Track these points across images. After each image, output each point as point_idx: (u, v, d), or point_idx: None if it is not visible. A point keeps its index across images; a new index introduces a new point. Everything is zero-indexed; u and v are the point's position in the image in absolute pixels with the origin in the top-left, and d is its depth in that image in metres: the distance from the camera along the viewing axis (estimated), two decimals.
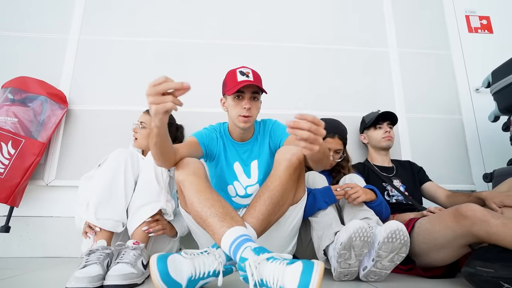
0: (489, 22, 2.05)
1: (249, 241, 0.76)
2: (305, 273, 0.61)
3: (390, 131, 1.52)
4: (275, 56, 1.89)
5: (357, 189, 1.09)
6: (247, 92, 1.08)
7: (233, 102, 1.10)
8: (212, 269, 0.77)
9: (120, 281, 0.81)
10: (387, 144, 1.50)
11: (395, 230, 0.87)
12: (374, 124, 1.55)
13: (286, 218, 1.01)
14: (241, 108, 1.08)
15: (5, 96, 1.50)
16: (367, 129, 1.59)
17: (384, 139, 1.50)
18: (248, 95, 1.09)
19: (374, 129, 1.55)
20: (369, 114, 1.65)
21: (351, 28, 1.97)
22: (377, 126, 1.54)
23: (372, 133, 1.56)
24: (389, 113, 1.52)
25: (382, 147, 1.51)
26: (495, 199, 1.08)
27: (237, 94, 1.08)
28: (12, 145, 1.42)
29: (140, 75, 1.78)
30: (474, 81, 1.91)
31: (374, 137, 1.54)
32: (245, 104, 1.07)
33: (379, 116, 1.53)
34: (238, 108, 1.09)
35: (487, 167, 1.76)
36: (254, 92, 1.10)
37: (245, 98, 1.08)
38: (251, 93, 1.09)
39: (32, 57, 1.76)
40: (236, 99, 1.10)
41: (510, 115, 1.47)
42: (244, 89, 1.07)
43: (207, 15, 1.92)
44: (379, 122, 1.54)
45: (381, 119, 1.54)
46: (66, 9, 1.85)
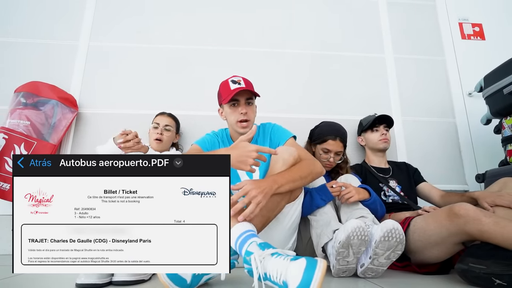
0: (481, 29, 2.09)
1: (254, 236, 0.78)
2: (308, 270, 0.63)
3: (386, 134, 1.54)
4: (275, 62, 1.93)
5: (350, 189, 1.12)
6: (242, 98, 1.15)
7: (230, 109, 1.16)
8: None
9: (128, 277, 0.83)
10: (384, 146, 1.53)
11: (391, 229, 0.89)
12: (371, 127, 1.58)
13: (284, 215, 1.04)
14: (238, 113, 1.14)
15: (18, 100, 1.53)
16: (364, 132, 1.62)
17: (381, 141, 1.53)
18: (243, 101, 1.15)
19: (371, 131, 1.58)
20: (366, 117, 1.68)
21: (349, 35, 2.02)
22: (374, 129, 1.57)
23: (369, 135, 1.59)
24: (385, 116, 1.55)
25: (379, 149, 1.54)
26: (487, 199, 1.10)
27: (232, 102, 1.15)
28: (24, 147, 1.45)
29: (148, 79, 1.83)
30: (467, 86, 1.95)
31: (371, 140, 1.58)
32: (241, 110, 1.14)
33: (376, 119, 1.56)
34: (235, 114, 1.15)
35: (479, 168, 1.79)
36: (248, 98, 1.17)
37: (241, 104, 1.15)
38: (246, 99, 1.16)
39: (44, 63, 1.79)
40: (233, 107, 1.16)
41: (502, 118, 1.49)
42: (238, 96, 1.14)
43: (212, 24, 1.96)
44: (376, 125, 1.57)
45: (378, 122, 1.57)
46: (76, 17, 1.89)
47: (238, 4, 2.01)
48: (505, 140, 1.47)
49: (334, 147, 1.39)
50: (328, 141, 1.39)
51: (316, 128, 1.51)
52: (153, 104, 1.76)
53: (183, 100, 1.80)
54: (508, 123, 1.45)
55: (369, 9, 2.08)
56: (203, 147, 1.19)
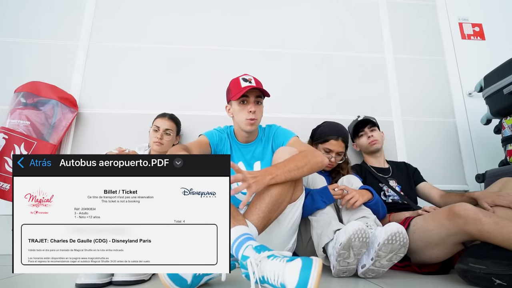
0: (481, 29, 2.09)
1: (250, 239, 0.78)
2: (304, 270, 0.63)
3: (373, 135, 1.52)
4: (277, 62, 1.93)
5: (353, 194, 1.11)
6: (251, 96, 1.14)
7: (238, 107, 1.15)
8: None
9: (129, 277, 0.83)
10: (375, 147, 1.51)
11: (396, 232, 0.88)
12: (356, 133, 1.58)
13: (285, 215, 1.04)
14: (247, 112, 1.13)
15: (18, 100, 1.53)
16: (354, 138, 1.62)
17: (370, 144, 1.52)
18: (253, 99, 1.15)
19: (358, 137, 1.57)
20: (350, 124, 1.67)
21: (350, 35, 2.02)
22: (360, 134, 1.56)
23: (358, 141, 1.58)
24: (365, 119, 1.55)
25: (371, 151, 1.53)
26: (487, 199, 1.10)
27: (242, 99, 1.14)
28: (24, 147, 1.45)
29: (148, 79, 1.83)
30: (467, 86, 1.95)
31: (361, 144, 1.57)
32: (250, 108, 1.13)
33: (358, 124, 1.56)
34: (244, 112, 1.14)
35: (479, 168, 1.79)
36: (258, 96, 1.16)
37: (250, 102, 1.15)
38: (255, 97, 1.15)
39: (44, 63, 1.79)
40: (242, 104, 1.15)
41: (502, 118, 1.49)
42: (248, 93, 1.13)
43: (212, 24, 1.96)
44: (360, 129, 1.56)
45: (361, 126, 1.56)
46: (76, 17, 1.89)
47: (238, 4, 2.01)
48: (505, 140, 1.47)
49: (336, 147, 1.39)
50: (330, 141, 1.39)
51: (318, 128, 1.51)
52: (153, 104, 1.76)
53: (183, 100, 1.80)
54: (508, 123, 1.45)
55: (369, 9, 2.08)
56: (211, 140, 1.19)
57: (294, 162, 0.96)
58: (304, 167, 0.97)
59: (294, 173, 0.95)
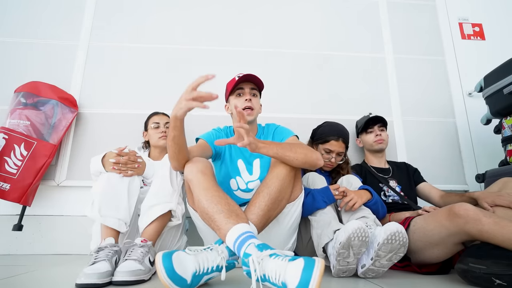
0: (481, 29, 2.09)
1: (252, 237, 0.78)
2: (307, 270, 0.62)
3: (381, 134, 1.53)
4: (277, 62, 1.93)
5: (351, 196, 1.11)
6: (246, 88, 1.20)
7: (235, 99, 1.20)
8: (215, 265, 0.79)
9: (128, 277, 0.83)
10: (379, 147, 1.52)
11: (395, 232, 0.88)
12: (365, 129, 1.58)
13: (284, 215, 1.04)
14: (243, 101, 1.18)
15: (18, 100, 1.53)
16: (360, 134, 1.62)
17: (376, 142, 1.52)
18: (248, 90, 1.20)
19: (366, 133, 1.58)
20: (361, 118, 1.67)
21: (350, 35, 2.02)
22: (368, 130, 1.56)
23: (365, 137, 1.58)
24: (377, 117, 1.55)
25: (375, 150, 1.54)
26: (487, 199, 1.10)
27: (238, 92, 1.20)
28: (24, 147, 1.45)
29: (148, 79, 1.83)
30: (467, 86, 1.95)
31: (366, 141, 1.57)
32: (245, 97, 1.18)
33: (369, 120, 1.56)
34: (240, 102, 1.18)
35: (479, 168, 1.79)
36: (253, 88, 1.21)
37: (245, 92, 1.20)
38: (250, 89, 1.21)
39: (44, 63, 1.79)
40: (238, 96, 1.20)
41: (502, 118, 1.50)
42: (243, 85, 1.19)
43: (212, 24, 1.96)
44: (370, 126, 1.56)
45: (371, 123, 1.56)
46: (76, 17, 1.89)
47: (238, 3, 2.01)
48: (505, 140, 1.47)
49: (336, 148, 1.38)
50: (331, 141, 1.39)
51: (319, 128, 1.50)
52: (153, 104, 1.75)
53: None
54: (508, 123, 1.45)
55: (369, 9, 2.08)
56: (209, 140, 1.20)
57: (289, 146, 0.99)
58: (298, 155, 0.98)
59: (286, 153, 0.97)
